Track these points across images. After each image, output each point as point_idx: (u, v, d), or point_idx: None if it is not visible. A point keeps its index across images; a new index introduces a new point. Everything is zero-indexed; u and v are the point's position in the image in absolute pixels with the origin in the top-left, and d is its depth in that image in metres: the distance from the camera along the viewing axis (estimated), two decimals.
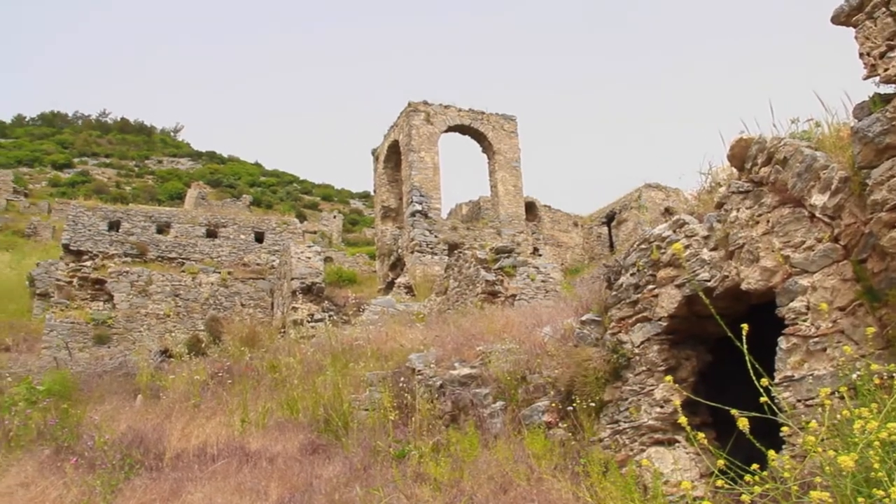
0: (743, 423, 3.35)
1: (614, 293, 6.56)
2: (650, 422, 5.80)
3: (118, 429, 10.11)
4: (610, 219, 36.38)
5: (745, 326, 3.85)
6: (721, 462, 3.51)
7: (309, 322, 16.82)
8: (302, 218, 49.49)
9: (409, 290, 22.62)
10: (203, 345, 16.27)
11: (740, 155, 5.42)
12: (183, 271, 19.08)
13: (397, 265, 27.86)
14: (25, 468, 8.06)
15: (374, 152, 32.64)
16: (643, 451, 5.82)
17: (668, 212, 29.60)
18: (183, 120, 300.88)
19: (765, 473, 3.50)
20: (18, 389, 10.37)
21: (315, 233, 52.75)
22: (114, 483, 7.84)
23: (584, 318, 7.00)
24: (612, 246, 35.50)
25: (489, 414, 7.73)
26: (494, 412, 7.69)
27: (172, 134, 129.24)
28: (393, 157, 30.49)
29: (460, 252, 16.37)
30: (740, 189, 5.30)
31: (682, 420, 3.78)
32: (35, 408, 9.77)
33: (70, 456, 8.56)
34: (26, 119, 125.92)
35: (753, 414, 3.53)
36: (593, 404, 6.40)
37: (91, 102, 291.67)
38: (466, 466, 6.83)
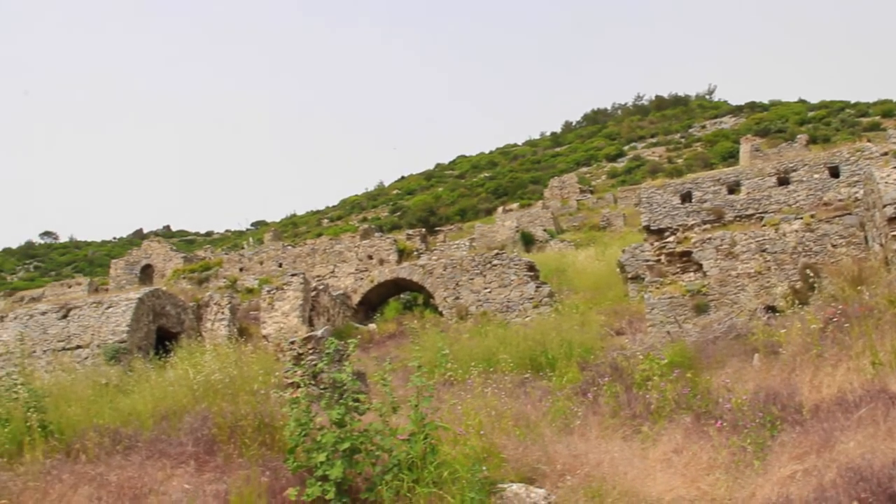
0: None
1: None
2: None
3: (746, 389, 10.30)
4: None
5: None
6: None
7: None
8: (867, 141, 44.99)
9: None
10: (804, 293, 15.83)
11: None
12: (763, 225, 18.89)
13: None
14: (673, 436, 8.59)
15: None
16: None
17: None
18: (714, 80, 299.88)
19: None
20: (645, 365, 11.24)
21: (887, 153, 47.70)
22: (760, 441, 8.00)
23: None
24: None
25: None
26: None
27: (708, 96, 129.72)
28: None
29: None
30: None
31: None
32: (665, 380, 10.46)
33: (710, 420, 8.98)
34: (573, 123, 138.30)
35: None
36: None
37: (625, 90, 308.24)
38: None
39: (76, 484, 7.92)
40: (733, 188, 21.13)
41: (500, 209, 65.23)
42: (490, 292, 25.92)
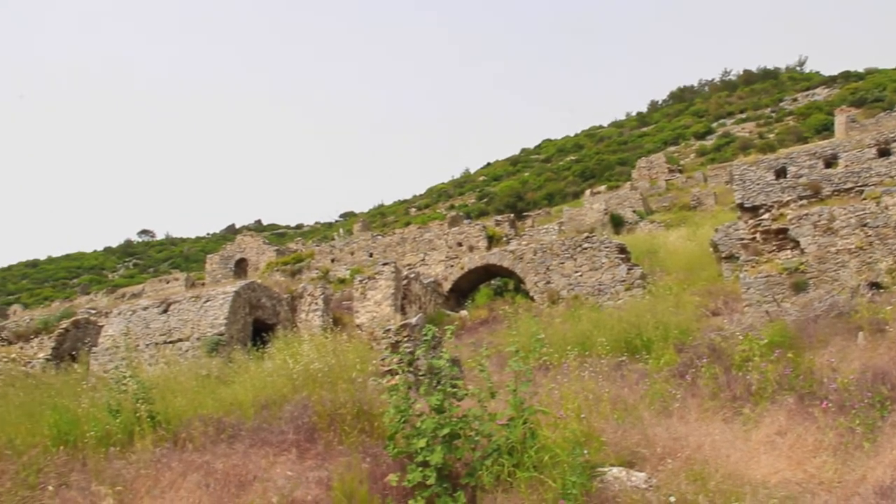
0: None
1: None
2: None
3: (852, 368, 9.96)
4: None
5: None
6: None
7: None
8: None
9: None
10: None
11: None
12: (864, 199, 18.13)
13: None
14: (777, 418, 8.36)
15: None
16: None
17: None
18: (804, 51, 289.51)
19: None
20: (744, 346, 10.95)
21: None
22: (870, 422, 7.73)
23: None
24: None
25: None
26: None
27: (798, 68, 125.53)
28: None
29: None
30: None
31: None
32: (765, 360, 10.18)
33: (815, 401, 8.70)
34: (658, 102, 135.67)
35: None
36: None
37: (711, 66, 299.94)
38: None
39: (185, 471, 8.20)
40: (830, 162, 20.35)
41: (587, 192, 64.53)
42: (581, 276, 25.65)
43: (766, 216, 19.30)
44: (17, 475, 8.37)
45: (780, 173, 20.39)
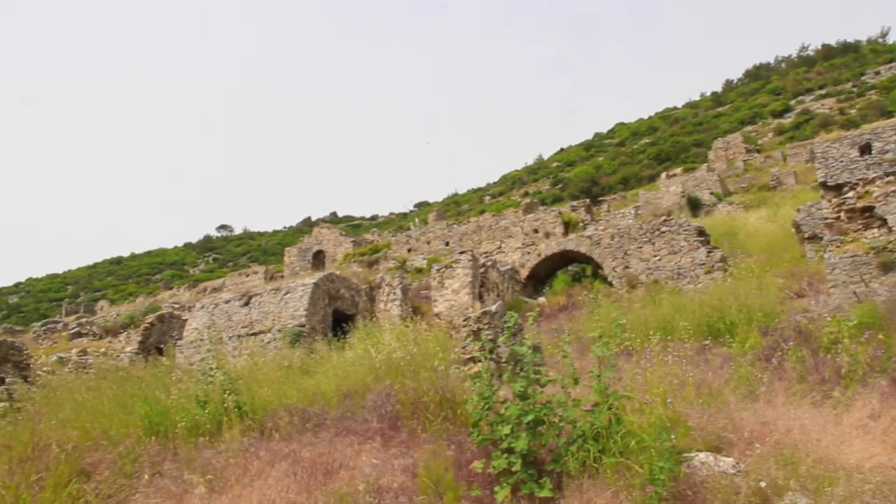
0: None
1: None
2: None
3: None
4: None
5: None
6: None
7: None
8: None
9: None
10: None
11: None
12: None
13: None
14: (869, 401, 8.14)
15: None
16: None
17: None
18: (888, 21, 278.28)
19: None
20: (832, 327, 10.67)
21: None
22: None
23: None
24: None
25: None
26: None
27: (880, 40, 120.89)
28: None
29: None
30: None
31: None
32: (855, 342, 9.90)
33: None
34: (734, 81, 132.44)
35: None
36: None
37: (788, 42, 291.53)
38: None
39: (272, 460, 8.39)
40: None
41: (663, 175, 63.40)
42: (660, 260, 25.28)
43: (850, 194, 18.66)
44: (113, 464, 8.66)
45: (865, 149, 19.69)
